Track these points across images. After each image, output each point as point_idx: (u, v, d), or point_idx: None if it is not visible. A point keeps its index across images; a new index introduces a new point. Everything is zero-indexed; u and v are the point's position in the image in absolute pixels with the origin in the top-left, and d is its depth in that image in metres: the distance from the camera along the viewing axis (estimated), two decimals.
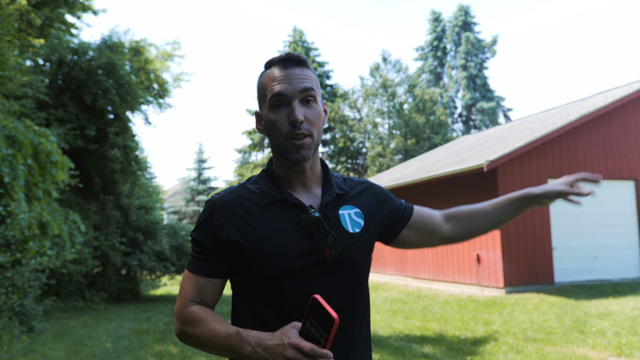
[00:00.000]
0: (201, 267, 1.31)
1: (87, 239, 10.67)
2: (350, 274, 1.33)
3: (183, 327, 1.29)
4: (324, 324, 1.08)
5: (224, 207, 1.31)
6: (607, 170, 11.46)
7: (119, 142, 11.74)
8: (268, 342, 1.15)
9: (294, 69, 1.30)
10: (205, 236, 1.31)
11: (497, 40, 37.05)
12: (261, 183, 1.36)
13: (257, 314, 1.30)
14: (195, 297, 1.31)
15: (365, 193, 1.45)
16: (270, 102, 1.29)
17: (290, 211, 1.31)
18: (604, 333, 6.60)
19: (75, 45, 11.75)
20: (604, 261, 11.23)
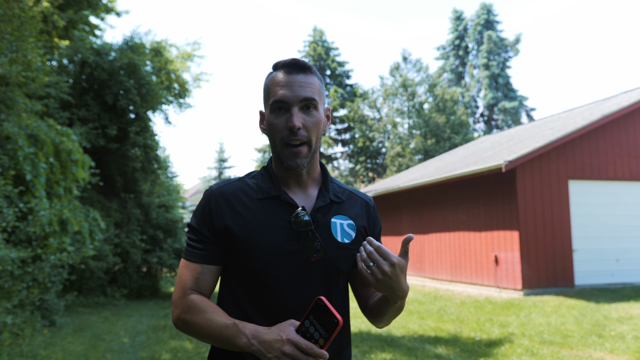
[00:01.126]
0: (198, 254, 1.34)
1: (108, 236, 10.89)
2: (332, 282, 1.36)
3: (181, 314, 1.30)
4: (326, 325, 1.11)
5: (220, 197, 1.35)
6: (630, 171, 11.23)
7: (140, 142, 11.95)
8: (265, 335, 1.17)
9: (297, 75, 1.33)
10: (202, 223, 1.35)
11: (520, 38, 36.52)
12: (259, 178, 1.40)
13: (240, 306, 1.33)
14: (193, 285, 1.33)
15: (363, 209, 1.47)
16: (271, 106, 1.33)
17: (282, 209, 1.34)
18: (623, 337, 6.48)
19: (98, 47, 12.00)
20: (626, 264, 11.00)
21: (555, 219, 10.55)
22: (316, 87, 1.35)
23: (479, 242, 11.50)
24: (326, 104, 1.43)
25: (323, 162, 1.52)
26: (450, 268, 12.53)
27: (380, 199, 15.90)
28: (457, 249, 12.28)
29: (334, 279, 1.37)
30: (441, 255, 12.90)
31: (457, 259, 12.25)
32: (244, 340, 1.18)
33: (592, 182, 11.06)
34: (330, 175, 1.50)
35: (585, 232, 10.81)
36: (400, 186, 14.16)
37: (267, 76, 1.39)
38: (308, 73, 1.34)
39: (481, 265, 11.39)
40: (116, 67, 11.66)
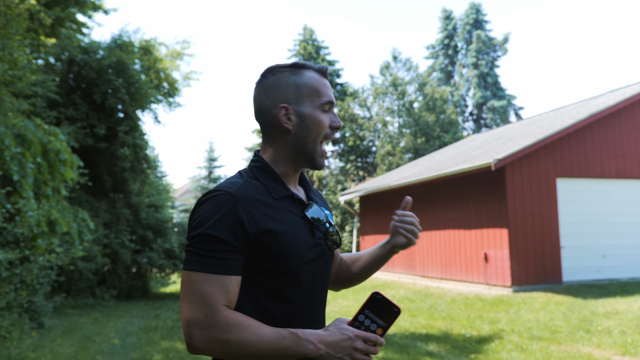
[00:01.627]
0: (224, 265, 1.21)
1: (97, 236, 10.81)
2: (331, 266, 1.49)
3: (218, 335, 1.16)
4: (386, 316, 1.19)
5: (244, 200, 1.26)
6: (617, 169, 11.36)
7: (129, 141, 11.87)
8: (329, 337, 1.17)
9: (327, 80, 1.44)
10: (227, 231, 1.21)
11: (508, 38, 36.75)
12: (262, 179, 1.35)
13: (266, 310, 1.28)
14: (224, 300, 1.20)
15: (322, 199, 1.60)
16: (322, 103, 1.39)
17: (296, 206, 1.38)
18: (610, 332, 6.56)
19: (86, 45, 11.90)
20: (613, 260, 11.13)
21: (544, 216, 10.64)
22: None
23: (469, 240, 11.57)
24: None
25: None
26: (440, 266, 12.60)
27: (371, 197, 15.94)
28: (448, 246, 12.35)
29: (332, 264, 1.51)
30: (431, 253, 12.97)
31: (448, 257, 12.33)
32: (310, 347, 1.15)
33: (580, 180, 11.17)
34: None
35: (572, 229, 10.92)
36: (391, 185, 14.20)
37: (297, 72, 1.39)
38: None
39: (471, 263, 11.46)
40: (104, 65, 11.56)
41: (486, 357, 5.70)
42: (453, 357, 5.73)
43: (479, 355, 5.76)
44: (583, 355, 5.54)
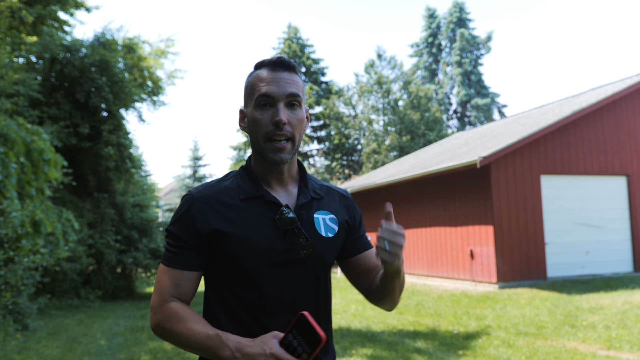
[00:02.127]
0: (179, 260, 1.32)
1: (82, 237, 10.68)
2: (319, 275, 1.39)
3: (161, 322, 1.28)
4: (309, 341, 1.12)
5: (201, 201, 1.33)
6: (599, 166, 11.54)
7: (113, 140, 11.74)
8: (248, 348, 1.16)
9: (283, 72, 1.34)
10: (183, 229, 1.32)
11: (491, 36, 37.10)
12: (239, 179, 1.40)
13: (231, 309, 1.33)
14: (173, 292, 1.31)
15: (341, 202, 1.50)
16: (256, 101, 1.33)
17: (266, 208, 1.34)
18: (595, 327, 6.67)
19: (68, 43, 11.72)
20: (596, 256, 11.31)
21: (529, 213, 10.77)
22: (300, 85, 1.37)
23: (454, 237, 11.67)
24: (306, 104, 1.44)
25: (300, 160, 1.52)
26: (426, 263, 12.69)
27: (357, 195, 15.97)
28: (434, 244, 12.44)
29: (322, 273, 1.40)
30: (418, 250, 13.05)
31: (434, 254, 12.41)
32: (227, 352, 1.17)
33: (563, 176, 11.33)
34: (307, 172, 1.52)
35: (556, 225, 11.08)
36: (376, 182, 14.25)
37: (250, 74, 1.40)
38: (292, 72, 1.36)
39: (457, 260, 11.56)
40: (87, 64, 11.41)
41: (474, 353, 5.75)
42: (441, 353, 5.77)
43: (467, 352, 5.81)
44: (569, 350, 5.63)
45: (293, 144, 1.34)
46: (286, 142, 1.32)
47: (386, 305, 1.45)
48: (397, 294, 1.39)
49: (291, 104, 1.34)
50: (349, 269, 1.49)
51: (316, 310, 1.37)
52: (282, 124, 1.30)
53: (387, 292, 1.36)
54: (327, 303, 1.43)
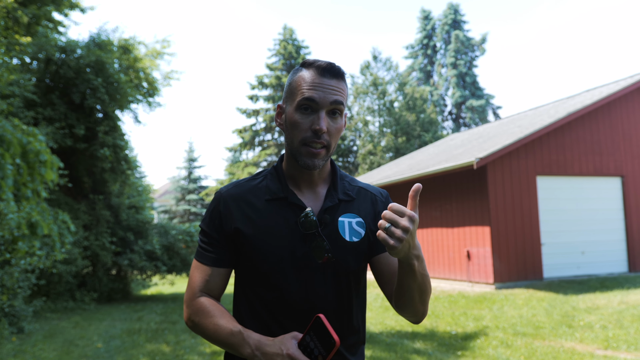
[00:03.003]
0: (208, 257, 1.36)
1: (77, 238, 10.61)
2: (342, 282, 1.34)
3: (191, 316, 1.34)
4: (324, 344, 1.12)
5: (230, 199, 1.37)
6: (594, 167, 11.60)
7: (109, 141, 11.67)
8: (267, 347, 1.18)
9: (331, 79, 1.31)
10: (212, 227, 1.37)
11: (486, 38, 37.24)
12: (268, 179, 1.40)
13: (253, 307, 1.34)
14: (203, 287, 1.35)
15: (372, 204, 1.44)
16: (299, 103, 1.30)
17: (289, 210, 1.33)
18: (592, 327, 6.69)
19: (63, 44, 11.65)
20: (591, 257, 11.36)
21: (525, 214, 10.81)
22: (345, 93, 1.34)
23: (451, 238, 11.69)
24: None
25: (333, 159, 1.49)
26: None
27: None
28: (431, 245, 12.46)
29: (344, 280, 1.35)
30: None
31: (431, 255, 12.43)
32: (248, 350, 1.21)
33: (559, 177, 11.38)
34: (342, 171, 1.48)
35: (552, 226, 11.12)
36: (373, 184, 14.25)
37: (295, 71, 1.37)
38: (340, 79, 1.33)
39: (454, 261, 11.58)
40: (83, 64, 11.35)
41: (472, 353, 5.76)
42: (440, 354, 5.77)
43: (466, 352, 5.82)
44: (567, 350, 5.64)
45: (328, 151, 1.32)
46: (322, 148, 1.30)
47: (408, 313, 1.32)
48: (417, 299, 1.26)
49: (333, 112, 1.31)
50: (374, 271, 1.43)
51: (338, 316, 1.34)
52: (321, 133, 1.28)
53: (402, 292, 1.26)
54: (352, 309, 1.37)
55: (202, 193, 32.23)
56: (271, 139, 30.66)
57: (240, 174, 29.47)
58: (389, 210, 1.13)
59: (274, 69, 30.69)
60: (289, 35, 31.55)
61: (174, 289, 15.47)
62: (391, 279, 1.38)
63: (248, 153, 31.26)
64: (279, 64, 30.83)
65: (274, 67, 30.70)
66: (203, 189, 34.30)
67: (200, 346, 6.50)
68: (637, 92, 12.27)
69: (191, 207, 33.35)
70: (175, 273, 13.10)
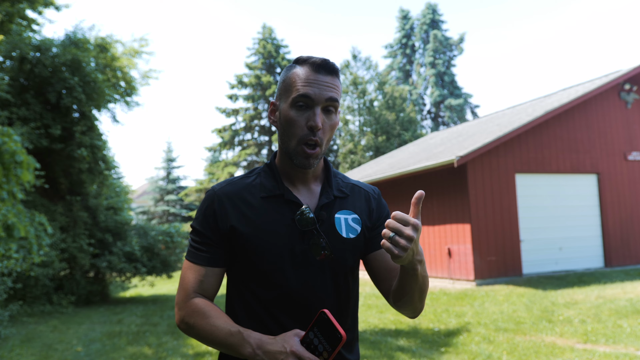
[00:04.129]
0: (202, 256, 1.32)
1: (54, 241, 10.39)
2: (340, 278, 1.35)
3: (185, 318, 1.29)
4: (330, 339, 1.11)
5: (224, 197, 1.33)
6: (571, 164, 11.81)
7: (86, 142, 11.46)
8: (269, 346, 1.16)
9: (325, 75, 1.30)
10: (206, 225, 1.33)
11: (464, 38, 37.65)
12: (262, 176, 1.38)
13: (250, 307, 1.32)
14: (197, 288, 1.31)
15: (367, 201, 1.44)
16: (293, 100, 1.29)
17: (286, 208, 1.32)
18: (571, 321, 6.81)
19: (38, 42, 11.40)
20: (569, 252, 11.58)
21: (504, 211, 10.96)
22: (339, 90, 1.33)
23: (432, 236, 11.78)
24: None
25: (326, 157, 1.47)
26: None
27: None
28: None
29: (342, 276, 1.35)
30: None
31: None
32: (249, 349, 1.18)
33: (537, 175, 11.56)
34: (334, 168, 1.47)
35: (531, 223, 11.30)
36: None
37: (289, 68, 1.36)
38: (335, 76, 1.32)
39: (435, 258, 11.67)
40: (59, 63, 11.11)
41: (456, 349, 5.81)
42: (424, 351, 5.81)
43: (449, 349, 5.87)
44: (548, 345, 5.73)
45: (321, 149, 1.31)
46: (316, 148, 1.30)
47: (406, 311, 1.35)
48: (417, 298, 1.28)
49: (327, 109, 1.30)
50: (369, 268, 1.42)
51: (337, 312, 1.34)
52: (317, 130, 1.28)
53: (403, 293, 1.27)
54: (349, 305, 1.38)
55: (181, 194, 31.90)
56: (251, 139, 30.50)
57: (220, 174, 29.24)
58: (392, 220, 1.12)
59: (254, 68, 30.54)
60: (268, 35, 31.43)
61: (153, 290, 15.28)
62: (388, 276, 1.38)
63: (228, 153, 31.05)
64: (259, 63, 30.69)
65: (254, 67, 30.54)
66: (182, 189, 33.96)
67: (183, 348, 6.43)
68: (612, 91, 12.54)
69: (170, 207, 32.99)
70: (155, 274, 12.94)
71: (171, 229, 13.57)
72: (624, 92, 12.56)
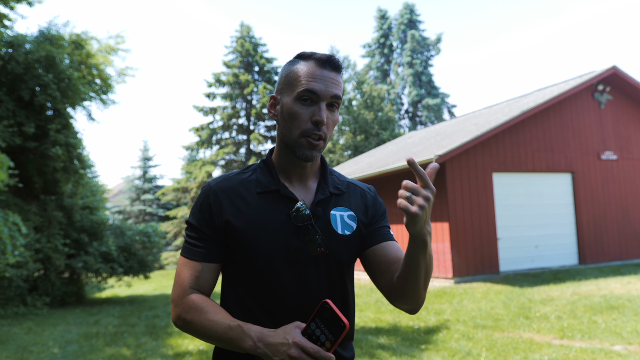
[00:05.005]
0: (198, 252, 1.31)
1: (28, 241, 10.16)
2: (334, 274, 1.35)
3: (182, 314, 1.27)
4: (332, 328, 1.10)
5: (220, 192, 1.33)
6: (547, 163, 12.04)
7: (61, 140, 11.23)
8: (270, 338, 1.14)
9: (330, 72, 1.31)
10: (202, 221, 1.32)
11: (441, 38, 38.03)
12: (258, 172, 1.38)
13: (243, 303, 1.31)
14: (193, 284, 1.30)
15: (362, 198, 1.45)
16: (299, 94, 1.30)
17: (281, 203, 1.32)
18: (547, 318, 6.95)
19: (10, 38, 11.12)
20: (544, 250, 11.80)
21: (482, 209, 11.11)
22: (342, 87, 1.35)
23: None
24: None
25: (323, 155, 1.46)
26: None
27: None
28: None
29: (337, 272, 1.35)
30: None
31: None
32: (250, 343, 1.16)
33: (513, 174, 11.76)
34: (329, 166, 1.48)
35: (507, 221, 11.48)
36: None
37: (292, 63, 1.35)
38: (339, 73, 1.34)
39: None
40: (32, 60, 10.86)
41: (436, 347, 5.87)
42: (405, 348, 5.86)
43: (429, 346, 5.92)
44: (525, 341, 5.83)
45: (325, 142, 1.32)
46: (320, 140, 1.31)
47: (409, 300, 1.27)
48: (422, 283, 1.23)
49: (331, 105, 1.32)
50: (368, 264, 1.40)
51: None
52: (322, 125, 1.29)
53: (409, 277, 1.21)
54: (345, 302, 1.38)
55: (158, 193, 31.49)
56: (229, 137, 30.28)
57: (198, 173, 28.96)
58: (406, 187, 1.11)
59: (231, 66, 30.31)
60: (246, 33, 31.23)
61: (130, 291, 15.06)
62: (389, 269, 1.34)
63: (205, 152, 30.75)
64: (236, 61, 30.47)
65: (231, 65, 30.32)
66: (159, 188, 33.53)
67: (162, 348, 6.35)
68: (585, 92, 12.83)
69: (146, 207, 32.55)
70: (132, 275, 12.76)
71: (148, 228, 13.40)
72: (598, 93, 12.86)
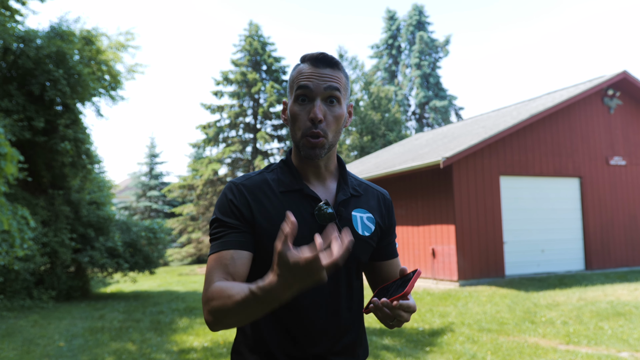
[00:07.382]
0: (227, 242, 1.25)
1: (36, 235, 10.23)
2: (352, 274, 1.37)
3: (208, 310, 1.15)
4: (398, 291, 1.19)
5: (244, 189, 1.33)
6: (554, 167, 11.99)
7: (70, 135, 11.29)
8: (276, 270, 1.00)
9: (324, 68, 1.32)
10: (230, 213, 1.28)
11: (449, 40, 37.94)
12: (279, 172, 1.39)
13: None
14: (221, 275, 1.20)
15: (380, 202, 1.47)
16: (296, 94, 1.32)
17: (304, 202, 1.33)
18: (553, 323, 6.92)
19: (22, 33, 11.19)
20: (550, 255, 11.76)
21: (488, 212, 11.08)
22: (342, 81, 1.34)
23: (417, 236, 11.86)
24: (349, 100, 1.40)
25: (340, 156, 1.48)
26: None
27: None
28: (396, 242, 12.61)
29: (354, 271, 1.37)
30: None
31: None
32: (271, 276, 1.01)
33: (521, 177, 11.72)
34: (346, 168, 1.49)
35: (514, 225, 11.45)
36: None
37: (294, 67, 1.38)
38: (335, 68, 1.33)
39: (419, 258, 11.76)
40: (43, 55, 10.93)
41: (440, 349, 5.86)
42: (409, 350, 5.85)
43: (434, 348, 5.92)
44: (531, 345, 5.82)
45: (327, 140, 1.31)
46: (320, 138, 1.30)
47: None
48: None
49: (329, 99, 1.31)
50: (371, 273, 1.47)
51: (348, 308, 1.34)
52: (318, 121, 1.28)
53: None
54: (359, 301, 1.40)
55: (164, 190, 31.60)
56: (235, 136, 30.32)
57: (204, 170, 29.01)
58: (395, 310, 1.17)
59: (239, 65, 30.36)
60: (254, 32, 31.26)
61: (135, 287, 15.12)
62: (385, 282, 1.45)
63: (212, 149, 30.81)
64: (244, 60, 30.51)
65: (239, 63, 30.36)
66: (165, 185, 33.64)
67: (167, 344, 6.38)
68: (595, 96, 12.76)
69: (152, 203, 32.67)
70: (138, 271, 12.81)
71: (154, 225, 13.44)
72: (607, 98, 12.80)
